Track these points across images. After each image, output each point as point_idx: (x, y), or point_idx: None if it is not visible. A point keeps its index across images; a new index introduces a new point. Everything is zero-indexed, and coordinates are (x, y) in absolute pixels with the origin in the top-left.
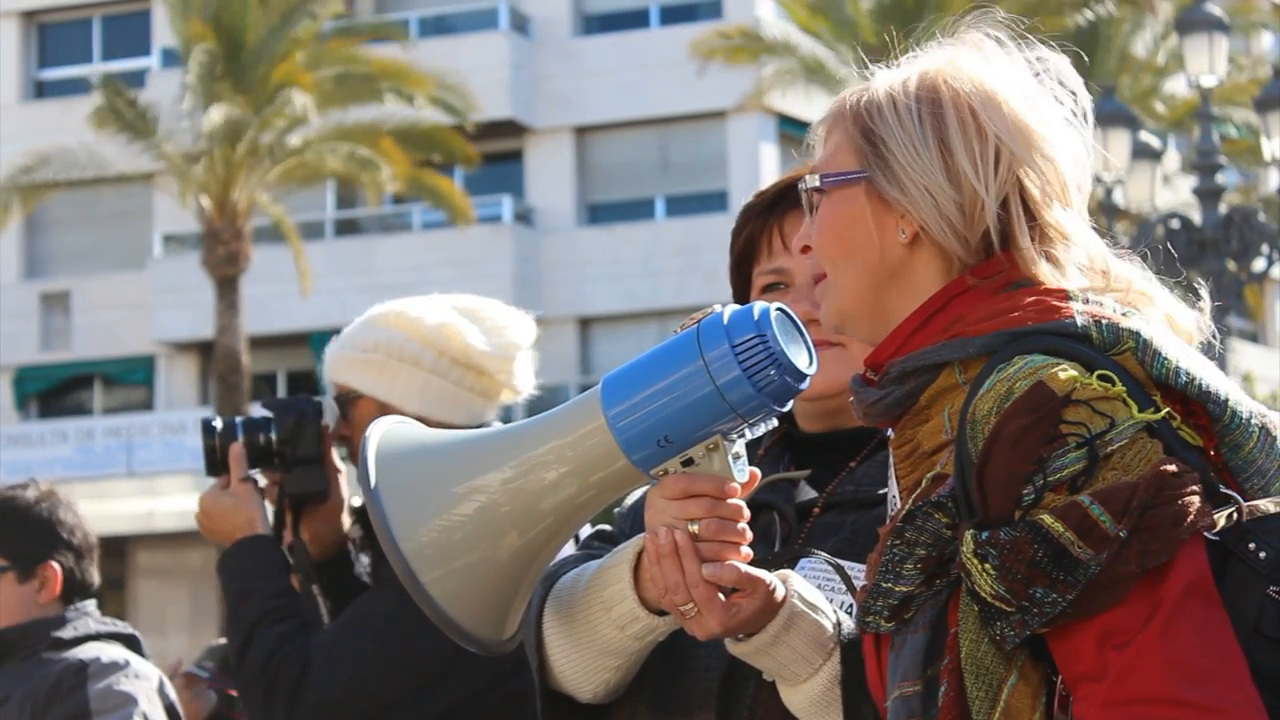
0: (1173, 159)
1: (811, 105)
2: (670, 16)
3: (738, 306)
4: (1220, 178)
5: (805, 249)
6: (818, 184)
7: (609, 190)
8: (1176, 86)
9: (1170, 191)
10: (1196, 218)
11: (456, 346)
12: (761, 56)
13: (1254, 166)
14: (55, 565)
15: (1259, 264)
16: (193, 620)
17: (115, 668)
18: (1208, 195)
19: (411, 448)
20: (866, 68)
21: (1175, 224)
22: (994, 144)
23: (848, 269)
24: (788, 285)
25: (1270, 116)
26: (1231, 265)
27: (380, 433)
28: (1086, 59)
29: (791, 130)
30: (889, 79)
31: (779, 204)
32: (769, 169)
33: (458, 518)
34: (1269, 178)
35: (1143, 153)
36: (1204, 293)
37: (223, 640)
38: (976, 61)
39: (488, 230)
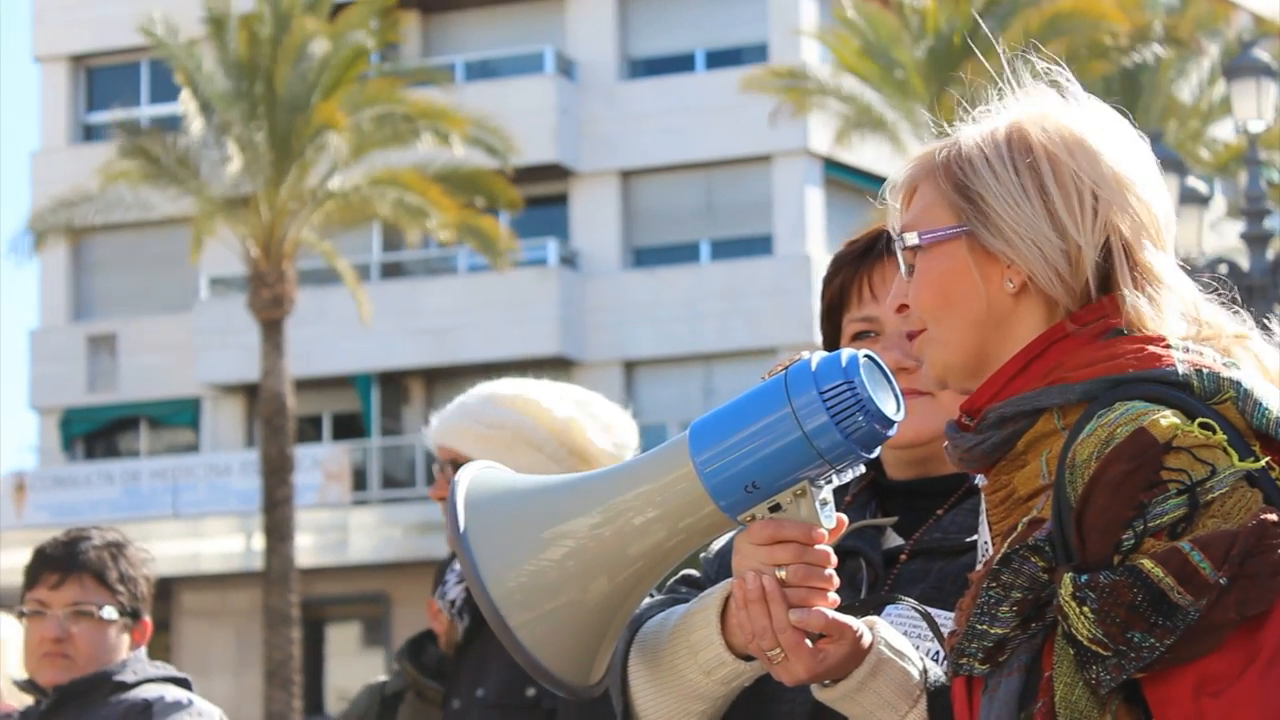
0: (1219, 204)
1: (857, 149)
2: (715, 61)
3: (826, 353)
4: (1268, 223)
5: (902, 307)
6: (916, 241)
7: (653, 234)
8: (1223, 132)
9: (1217, 237)
10: (1244, 263)
11: (579, 441)
12: (811, 97)
13: None
14: (149, 619)
15: None
16: (237, 662)
17: (179, 706)
18: (1255, 241)
19: (500, 493)
20: (918, 115)
21: (1223, 269)
22: (1090, 192)
23: (953, 322)
24: (878, 333)
25: None
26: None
27: (469, 478)
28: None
29: (837, 174)
30: (976, 132)
31: (869, 252)
32: (814, 213)
33: (546, 562)
34: None
35: (1190, 198)
36: (1277, 328)
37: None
38: (1063, 109)
39: (533, 273)
